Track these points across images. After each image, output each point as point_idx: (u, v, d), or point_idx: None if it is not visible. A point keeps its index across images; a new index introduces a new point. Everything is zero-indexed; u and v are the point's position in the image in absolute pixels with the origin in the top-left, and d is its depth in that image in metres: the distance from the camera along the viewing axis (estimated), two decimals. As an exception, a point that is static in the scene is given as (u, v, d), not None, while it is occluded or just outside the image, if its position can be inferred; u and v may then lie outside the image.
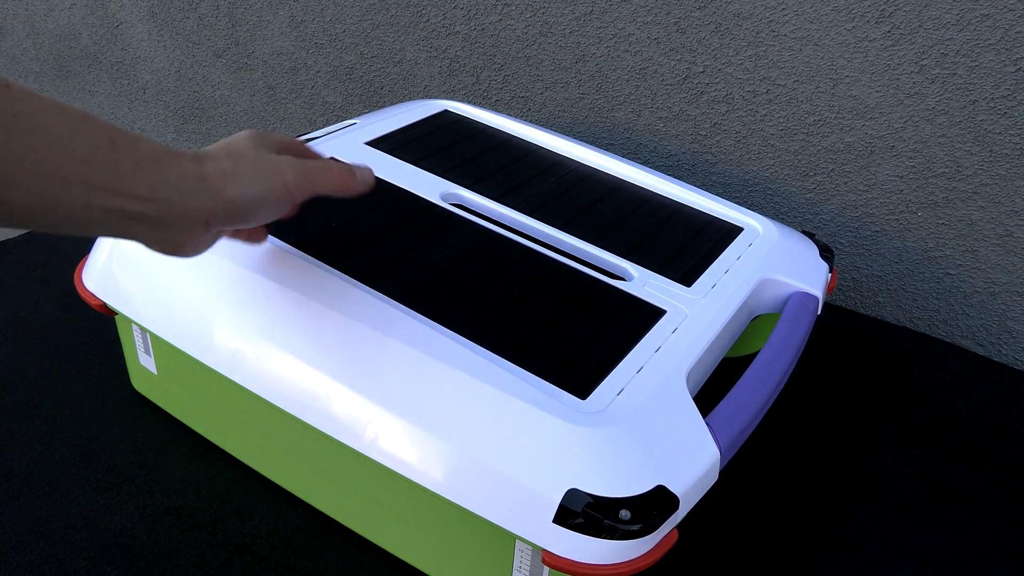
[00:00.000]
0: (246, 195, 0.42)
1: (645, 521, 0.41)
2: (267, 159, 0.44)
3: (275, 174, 0.44)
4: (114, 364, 0.66)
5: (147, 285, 0.54)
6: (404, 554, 0.51)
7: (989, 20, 0.70)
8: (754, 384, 0.51)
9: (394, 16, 1.02)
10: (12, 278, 0.76)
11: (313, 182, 0.45)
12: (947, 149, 0.76)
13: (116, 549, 0.51)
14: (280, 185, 0.44)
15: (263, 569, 0.51)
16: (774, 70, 0.81)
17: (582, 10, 0.89)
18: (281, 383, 0.49)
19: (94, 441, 0.59)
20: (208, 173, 0.41)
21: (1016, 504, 0.58)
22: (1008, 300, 0.78)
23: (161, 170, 0.40)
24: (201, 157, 0.42)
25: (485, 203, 0.63)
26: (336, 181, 0.47)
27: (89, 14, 1.33)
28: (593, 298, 0.54)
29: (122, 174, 0.38)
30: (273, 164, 0.44)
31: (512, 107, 0.99)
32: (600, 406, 0.46)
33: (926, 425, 0.65)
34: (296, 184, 0.44)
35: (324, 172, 0.46)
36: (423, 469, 0.45)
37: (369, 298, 0.49)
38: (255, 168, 0.43)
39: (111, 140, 0.38)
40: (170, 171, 0.40)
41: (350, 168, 0.48)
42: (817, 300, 0.60)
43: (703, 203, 0.68)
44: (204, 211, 0.41)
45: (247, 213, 0.43)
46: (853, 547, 0.55)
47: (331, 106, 1.15)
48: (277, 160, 0.44)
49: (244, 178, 0.42)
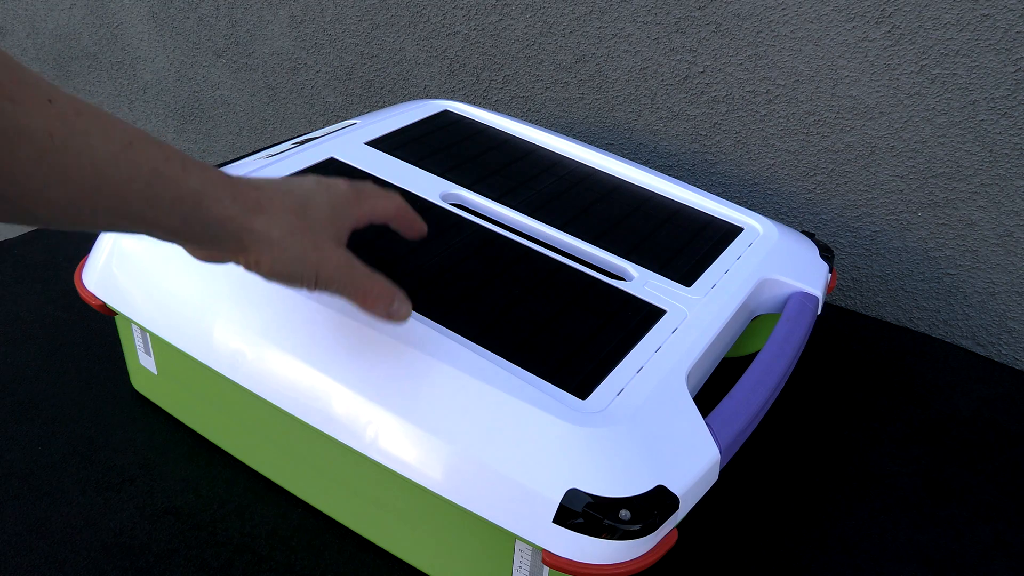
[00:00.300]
0: (273, 271, 0.41)
1: (645, 521, 0.41)
2: (317, 251, 0.41)
3: (312, 268, 0.41)
4: (114, 364, 0.66)
5: (147, 285, 0.54)
6: (404, 554, 0.51)
7: (989, 20, 0.70)
8: (754, 384, 0.51)
9: (394, 16, 1.02)
10: (12, 278, 0.76)
11: (342, 292, 0.43)
12: (947, 149, 0.76)
13: (116, 549, 0.51)
14: (310, 280, 0.42)
15: (263, 569, 0.51)
16: (774, 70, 0.81)
17: (582, 10, 0.89)
18: (281, 383, 0.49)
19: (94, 441, 0.59)
20: (249, 228, 0.39)
21: (1016, 504, 0.58)
22: (1008, 300, 0.78)
23: (201, 211, 0.38)
24: (254, 208, 0.39)
25: (485, 203, 0.63)
26: (364, 305, 0.44)
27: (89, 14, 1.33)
28: (593, 298, 0.54)
29: (156, 208, 0.37)
30: (317, 260, 0.41)
31: (512, 107, 0.99)
32: (600, 406, 0.46)
33: (926, 425, 0.65)
34: (325, 286, 0.42)
35: (357, 293, 0.43)
36: (423, 469, 0.45)
37: (369, 298, 0.49)
38: (299, 253, 0.41)
39: (154, 171, 0.36)
40: (210, 213, 0.38)
41: (390, 297, 0.44)
42: (817, 300, 0.60)
43: (703, 203, 0.68)
44: (232, 255, 0.41)
45: (268, 279, 0.42)
46: (853, 547, 0.55)
47: (331, 106, 1.15)
48: (326, 257, 0.41)
49: (281, 258, 0.40)
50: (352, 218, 0.44)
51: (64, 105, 0.33)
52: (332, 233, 0.42)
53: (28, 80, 0.32)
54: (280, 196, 0.41)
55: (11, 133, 0.31)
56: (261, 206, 0.40)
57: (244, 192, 0.40)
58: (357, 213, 0.44)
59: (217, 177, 0.39)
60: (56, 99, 0.33)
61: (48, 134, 0.32)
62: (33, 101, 0.32)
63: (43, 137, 0.32)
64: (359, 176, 0.63)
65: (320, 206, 0.42)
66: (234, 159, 0.64)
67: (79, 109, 0.34)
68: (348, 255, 0.43)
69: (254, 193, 0.40)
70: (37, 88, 0.33)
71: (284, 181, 0.43)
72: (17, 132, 0.32)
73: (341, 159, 0.65)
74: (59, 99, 0.33)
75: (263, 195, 0.40)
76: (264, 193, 0.40)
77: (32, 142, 0.32)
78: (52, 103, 0.33)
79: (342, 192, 0.44)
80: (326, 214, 0.42)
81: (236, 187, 0.39)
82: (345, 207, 0.43)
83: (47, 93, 0.33)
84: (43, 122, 0.32)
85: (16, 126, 0.32)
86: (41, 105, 0.33)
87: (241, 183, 0.40)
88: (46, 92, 0.33)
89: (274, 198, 0.41)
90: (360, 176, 0.63)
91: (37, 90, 0.33)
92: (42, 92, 0.33)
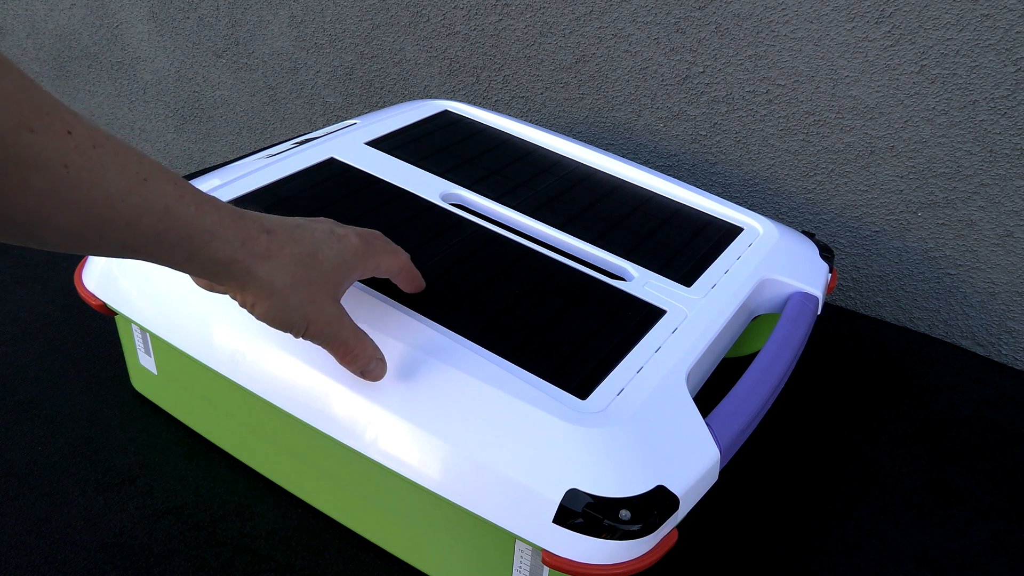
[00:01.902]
0: (266, 316, 0.42)
1: (645, 521, 0.41)
2: (312, 305, 0.42)
3: (303, 320, 0.42)
4: (114, 364, 0.66)
5: (147, 285, 0.54)
6: (404, 554, 0.51)
7: (989, 20, 0.70)
8: (754, 384, 0.51)
9: (394, 16, 1.02)
10: (12, 278, 0.76)
11: (325, 346, 0.44)
12: (947, 149, 0.76)
13: (116, 549, 0.51)
14: (299, 331, 0.43)
15: (263, 569, 0.51)
16: (774, 70, 0.81)
17: (582, 10, 0.89)
18: (281, 383, 0.49)
19: (94, 441, 0.59)
20: (253, 274, 0.40)
21: (1016, 504, 0.58)
22: (1008, 300, 0.78)
23: (208, 251, 0.38)
24: (262, 255, 0.40)
25: (485, 203, 0.63)
26: (342, 361, 0.45)
27: (89, 14, 1.33)
28: (593, 298, 0.54)
29: (164, 244, 0.37)
30: (310, 314, 0.42)
31: (512, 107, 0.99)
32: (600, 406, 0.46)
33: (926, 425, 0.65)
34: (312, 338, 0.43)
35: (340, 349, 0.44)
36: (423, 469, 0.45)
37: (369, 298, 0.49)
38: (295, 305, 0.41)
39: (167, 208, 0.36)
40: (217, 255, 0.39)
41: (368, 358, 0.45)
42: (817, 300, 0.60)
43: (703, 203, 0.68)
44: (229, 291, 0.41)
45: (259, 320, 0.42)
46: (853, 547, 0.55)
47: (331, 106, 1.15)
48: (320, 312, 0.42)
49: (276, 307, 0.41)
50: (356, 273, 0.44)
51: (83, 136, 0.33)
52: (332, 287, 0.43)
53: (49, 109, 0.32)
54: (290, 244, 0.41)
55: (26, 163, 0.31)
56: (269, 252, 0.40)
57: (254, 237, 0.40)
58: (362, 268, 0.45)
59: (229, 219, 0.39)
60: (75, 130, 0.33)
61: (63, 165, 0.32)
62: (52, 131, 0.32)
63: (58, 168, 0.32)
64: (359, 177, 0.63)
65: (327, 260, 0.43)
66: (234, 159, 0.64)
67: (97, 141, 0.34)
68: (340, 311, 0.43)
69: (264, 239, 0.40)
70: (58, 117, 0.32)
71: (297, 227, 0.43)
72: (32, 162, 0.31)
73: (341, 159, 0.65)
74: (78, 130, 0.33)
75: (273, 241, 0.41)
76: (274, 239, 0.41)
77: (46, 172, 0.32)
78: (71, 134, 0.33)
79: (352, 248, 0.44)
80: (331, 269, 0.43)
81: (247, 230, 0.40)
82: (352, 263, 0.44)
83: (67, 123, 0.33)
84: (60, 153, 0.32)
85: (32, 156, 0.31)
86: (60, 135, 0.32)
87: (253, 225, 0.40)
88: (66, 123, 0.33)
89: (284, 246, 0.41)
90: (360, 176, 0.63)
91: (57, 120, 0.32)
92: (62, 122, 0.33)
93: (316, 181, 0.61)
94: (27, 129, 0.31)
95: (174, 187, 0.37)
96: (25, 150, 0.31)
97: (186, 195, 0.37)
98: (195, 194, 0.38)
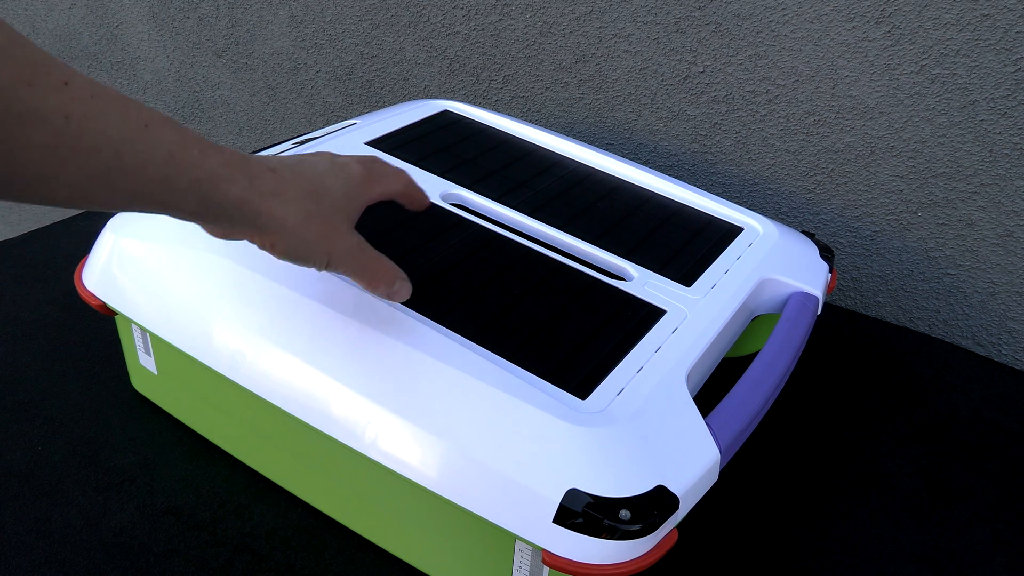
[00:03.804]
0: (286, 253, 0.42)
1: (645, 521, 0.41)
2: (329, 235, 0.42)
3: (324, 252, 0.43)
4: (114, 364, 0.66)
5: (147, 285, 0.54)
6: (404, 554, 0.51)
7: (989, 20, 0.70)
8: (754, 384, 0.51)
9: (394, 16, 1.02)
10: (12, 278, 0.76)
11: (349, 274, 0.45)
12: (947, 149, 0.76)
13: (116, 549, 0.51)
14: (322, 263, 0.43)
15: (263, 569, 0.51)
16: (774, 70, 0.81)
17: (582, 10, 0.89)
18: (281, 383, 0.49)
19: (94, 441, 0.59)
20: (266, 212, 0.40)
21: (1016, 504, 0.58)
22: (1008, 300, 0.78)
23: (218, 194, 0.38)
24: (271, 193, 0.40)
25: (485, 203, 0.63)
26: (369, 286, 0.46)
27: (89, 14, 1.33)
28: (593, 298, 0.54)
29: (174, 190, 0.37)
30: (329, 245, 0.43)
31: (512, 107, 0.99)
32: (600, 406, 0.46)
33: (926, 425, 0.65)
34: (335, 268, 0.44)
35: (365, 275, 0.45)
36: (423, 469, 0.45)
37: (369, 298, 0.49)
38: (312, 237, 0.42)
39: (170, 154, 0.36)
40: (227, 196, 0.39)
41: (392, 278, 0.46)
42: (817, 300, 0.60)
43: (703, 203, 0.68)
44: (247, 235, 0.42)
45: (281, 259, 0.43)
46: (853, 547, 0.55)
47: (331, 106, 1.15)
48: (338, 241, 0.43)
49: (295, 242, 0.42)
50: (364, 199, 0.45)
51: (80, 87, 0.33)
52: (344, 216, 0.44)
53: (44, 62, 0.32)
54: (296, 180, 0.42)
55: (27, 116, 0.31)
56: (278, 190, 0.41)
57: (261, 175, 0.40)
58: (368, 194, 0.46)
59: (234, 159, 0.39)
60: (72, 81, 0.33)
61: (65, 116, 0.32)
62: (49, 83, 0.32)
63: (59, 119, 0.32)
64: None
65: (334, 190, 0.43)
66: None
67: (95, 91, 0.34)
68: (357, 239, 0.44)
69: (271, 176, 0.41)
70: (53, 70, 0.32)
71: (299, 162, 0.43)
72: (33, 115, 0.31)
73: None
74: (75, 81, 0.33)
75: (279, 179, 0.41)
76: (280, 176, 0.41)
77: (48, 125, 0.32)
78: (68, 85, 0.33)
79: (355, 175, 0.45)
80: (339, 198, 0.43)
81: (253, 170, 0.40)
82: (357, 189, 0.45)
83: (63, 75, 0.33)
84: (59, 104, 0.32)
85: (32, 109, 0.31)
86: (57, 87, 0.32)
87: (257, 165, 0.41)
88: (62, 74, 0.33)
89: (290, 182, 0.42)
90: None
91: (53, 72, 0.32)
92: (58, 74, 0.32)
93: (316, 181, 0.61)
94: (24, 84, 0.31)
95: (176, 132, 0.37)
96: (24, 104, 0.31)
97: (188, 140, 0.37)
98: (197, 139, 0.38)
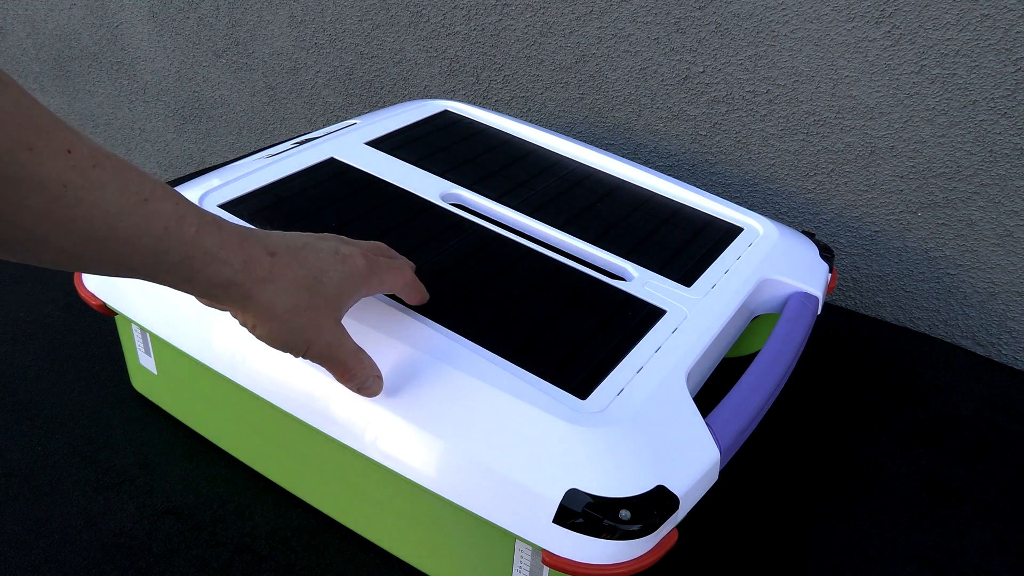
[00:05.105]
0: (266, 338, 0.41)
1: (645, 521, 0.41)
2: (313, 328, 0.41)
3: (304, 343, 0.42)
4: (114, 364, 0.66)
5: (147, 285, 0.54)
6: (404, 554, 0.51)
7: (989, 20, 0.70)
8: (754, 384, 0.51)
9: (394, 16, 1.02)
10: (12, 278, 0.76)
11: (324, 366, 0.43)
12: (947, 149, 0.76)
13: (116, 549, 0.51)
14: (299, 353, 0.42)
15: (263, 569, 0.51)
16: (774, 70, 0.81)
17: (582, 10, 0.89)
18: (280, 383, 0.49)
19: (94, 441, 0.59)
20: (255, 297, 0.40)
21: (1016, 504, 0.58)
22: (1008, 300, 0.78)
23: (207, 273, 0.38)
24: (264, 279, 0.39)
25: (485, 203, 0.63)
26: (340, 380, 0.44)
27: (89, 14, 1.33)
28: (593, 298, 0.54)
29: (163, 265, 0.36)
30: (311, 337, 0.42)
31: (512, 107, 0.99)
32: (600, 406, 0.46)
33: (926, 425, 0.65)
34: (311, 359, 0.43)
35: (339, 369, 0.43)
36: (423, 469, 0.45)
37: (368, 298, 0.49)
38: (295, 328, 0.41)
39: (167, 229, 0.36)
40: (217, 277, 0.38)
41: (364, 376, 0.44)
42: (817, 300, 0.60)
43: (703, 203, 0.68)
44: (231, 311, 0.41)
45: (262, 340, 0.42)
46: (853, 547, 0.55)
47: (331, 106, 1.15)
48: (320, 335, 0.42)
49: (277, 330, 0.41)
50: (360, 294, 0.44)
51: (83, 156, 0.33)
52: (334, 310, 0.43)
53: (50, 127, 0.32)
54: (293, 267, 0.41)
55: (23, 183, 0.31)
56: (272, 276, 0.40)
57: (257, 259, 0.39)
58: (366, 290, 0.45)
59: (232, 239, 0.38)
60: (76, 149, 0.32)
61: (62, 185, 0.32)
62: (51, 150, 0.32)
63: (56, 187, 0.32)
64: (359, 177, 0.63)
65: (331, 283, 0.42)
66: (234, 159, 0.64)
67: (97, 160, 0.33)
68: (340, 333, 0.43)
69: (267, 262, 0.40)
70: (58, 136, 0.32)
71: (302, 247, 0.42)
72: (29, 182, 0.31)
73: (341, 159, 0.65)
74: (79, 149, 0.33)
75: (276, 264, 0.40)
76: (278, 261, 0.40)
77: (43, 192, 0.32)
78: (71, 153, 0.32)
79: (357, 270, 0.44)
80: (335, 291, 0.42)
81: (250, 252, 0.39)
82: (356, 283, 0.44)
83: (67, 142, 0.32)
84: (58, 172, 0.32)
85: (29, 176, 0.31)
86: (59, 154, 0.32)
87: (256, 247, 0.40)
88: (66, 141, 0.32)
89: (287, 269, 0.41)
90: (360, 176, 0.63)
91: (57, 138, 0.32)
92: (62, 140, 0.32)
93: (316, 181, 0.61)
94: (26, 148, 0.31)
95: (175, 207, 0.36)
96: (22, 170, 0.31)
97: (187, 215, 0.37)
98: (198, 214, 0.37)
